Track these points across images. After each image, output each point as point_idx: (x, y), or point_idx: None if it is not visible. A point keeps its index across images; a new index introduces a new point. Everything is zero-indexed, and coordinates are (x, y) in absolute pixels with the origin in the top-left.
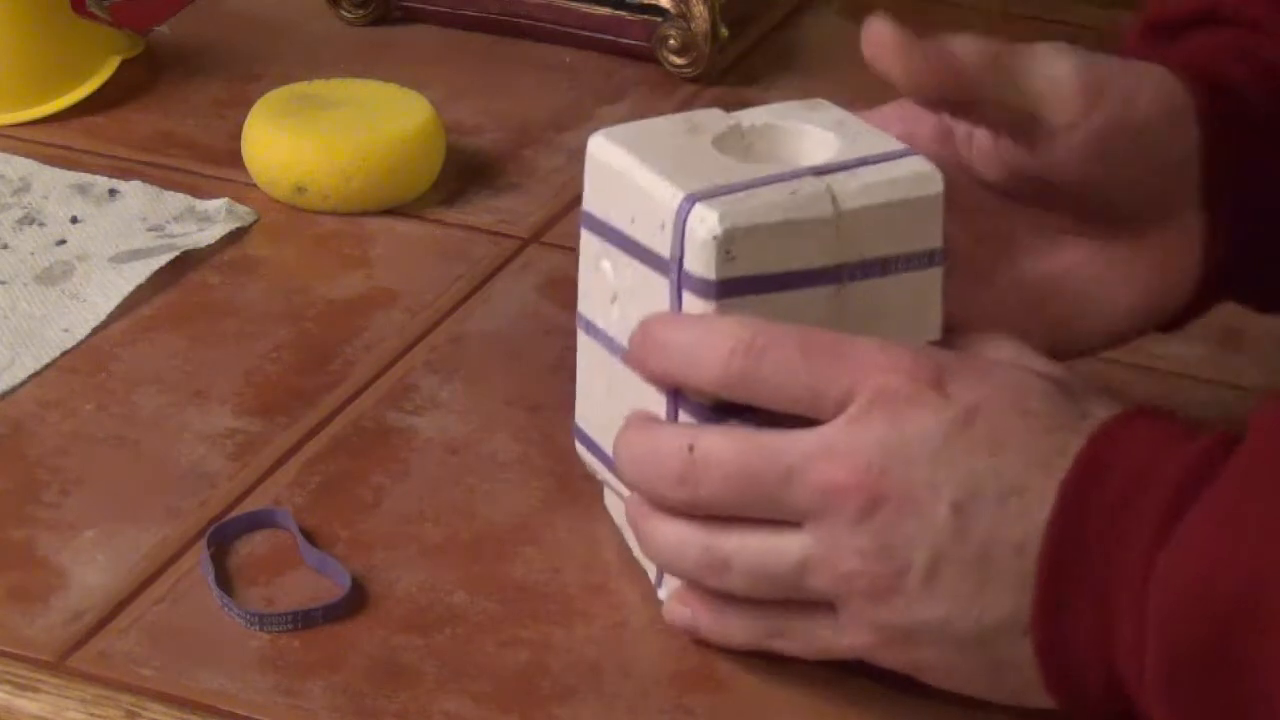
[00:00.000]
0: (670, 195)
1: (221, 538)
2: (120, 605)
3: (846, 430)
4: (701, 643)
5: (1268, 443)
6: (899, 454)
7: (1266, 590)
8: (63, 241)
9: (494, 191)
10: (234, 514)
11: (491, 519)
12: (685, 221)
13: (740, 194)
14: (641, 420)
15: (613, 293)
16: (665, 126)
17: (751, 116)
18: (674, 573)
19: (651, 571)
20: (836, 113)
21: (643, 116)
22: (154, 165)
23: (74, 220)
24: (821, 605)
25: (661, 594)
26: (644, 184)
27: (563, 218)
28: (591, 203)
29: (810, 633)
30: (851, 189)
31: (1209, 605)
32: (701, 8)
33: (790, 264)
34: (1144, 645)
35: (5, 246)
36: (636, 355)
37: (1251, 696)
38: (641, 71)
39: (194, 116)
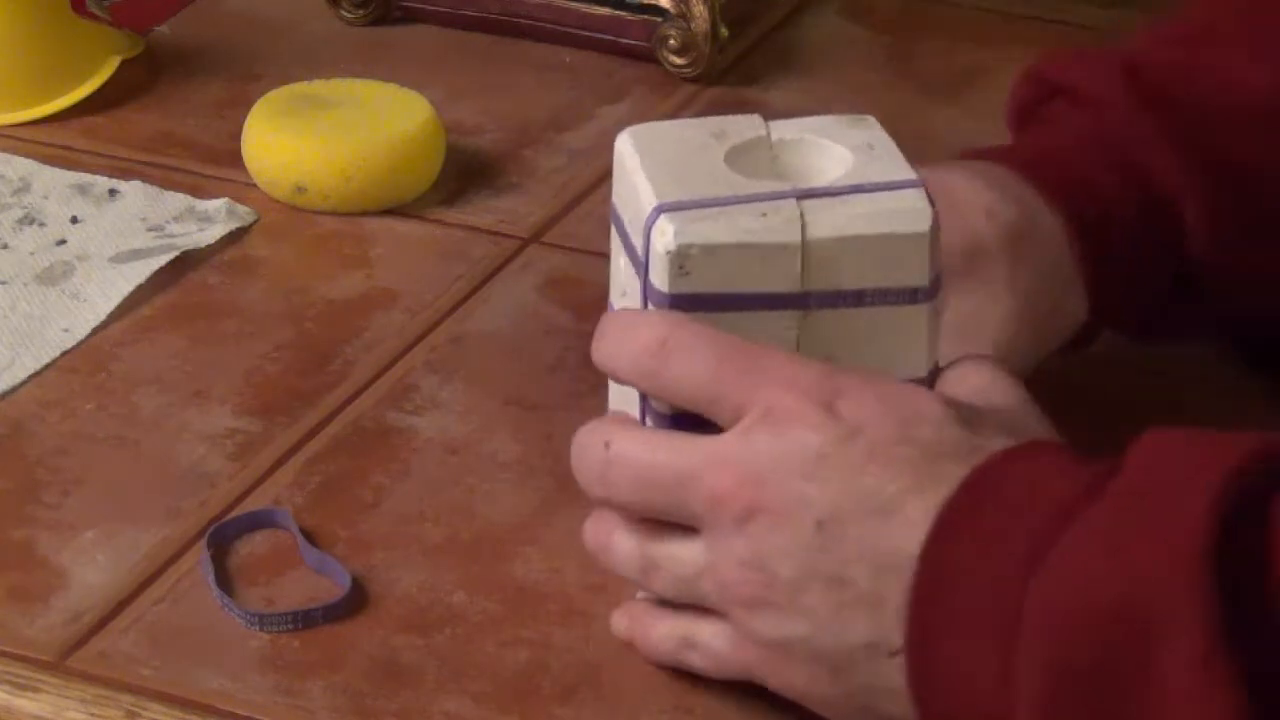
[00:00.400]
0: (648, 201)
1: (221, 538)
2: (120, 605)
3: (736, 441)
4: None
5: (1143, 465)
6: (777, 467)
7: (1145, 602)
8: (63, 241)
9: (494, 191)
10: (234, 514)
11: (491, 519)
12: (650, 231)
13: (711, 210)
14: (589, 422)
15: (622, 288)
16: (691, 130)
17: (784, 129)
18: (620, 573)
19: None
20: (872, 133)
21: (643, 116)
22: (154, 165)
23: (74, 220)
24: (719, 616)
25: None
26: (638, 186)
27: (563, 218)
28: (614, 197)
29: (709, 646)
30: (826, 218)
31: (1089, 621)
32: (701, 8)
33: (750, 285)
34: (1016, 670)
35: (5, 246)
36: (593, 344)
37: (1137, 710)
38: (641, 71)
39: (194, 116)
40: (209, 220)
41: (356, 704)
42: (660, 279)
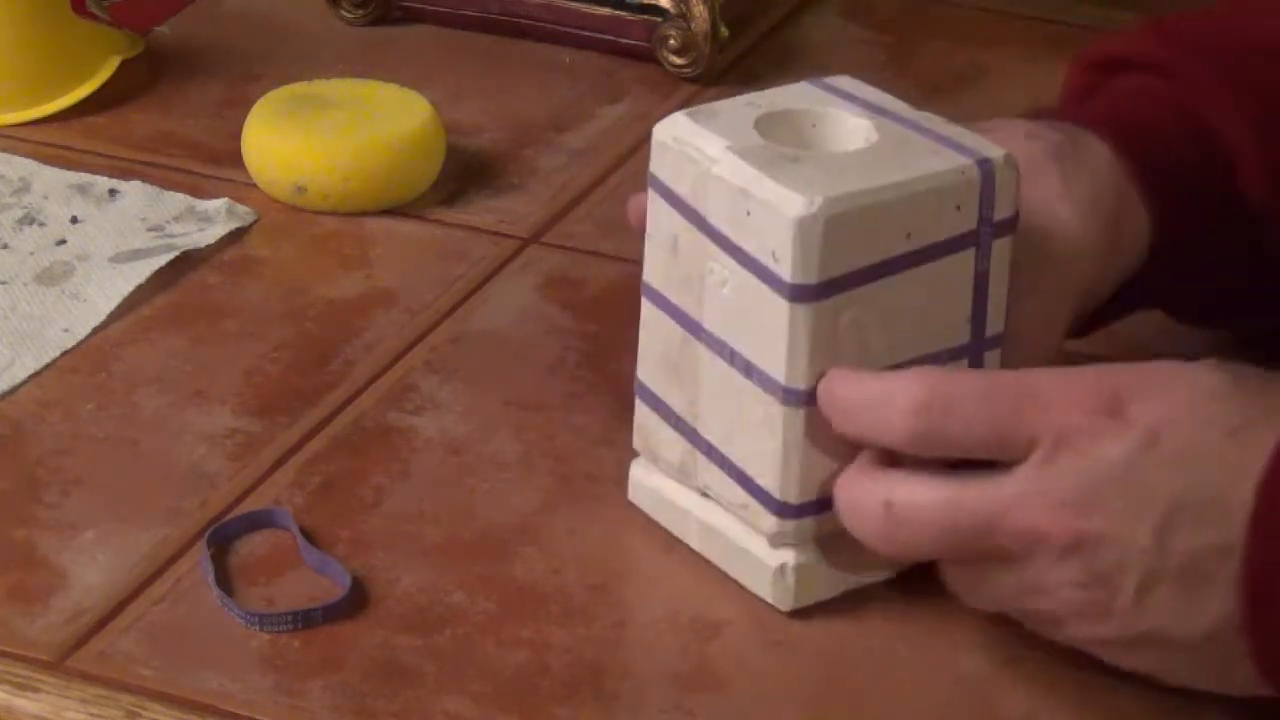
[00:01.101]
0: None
1: (221, 538)
2: (120, 605)
3: (1038, 474)
4: (703, 641)
5: None
6: (1092, 491)
7: None
8: (63, 241)
9: (494, 191)
10: (234, 514)
11: (491, 519)
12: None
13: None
14: (849, 470)
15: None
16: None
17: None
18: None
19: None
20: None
21: (643, 116)
22: (154, 165)
23: (74, 220)
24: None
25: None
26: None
27: (563, 218)
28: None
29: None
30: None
31: None
32: (701, 8)
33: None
34: None
35: (5, 246)
36: (824, 414)
37: None
38: (641, 71)
39: (194, 116)
40: (209, 220)
41: (356, 704)
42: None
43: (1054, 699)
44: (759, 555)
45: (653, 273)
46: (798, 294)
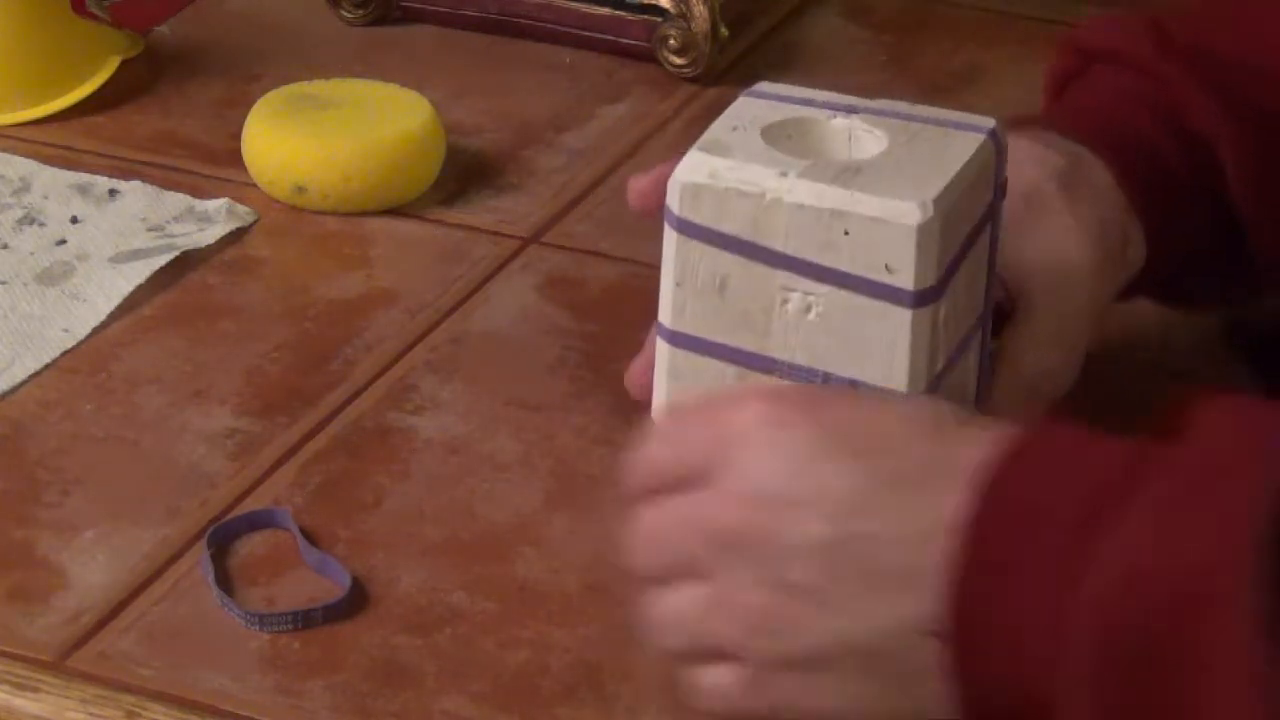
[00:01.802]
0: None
1: (221, 538)
2: (120, 605)
3: (720, 482)
4: None
5: (1210, 441)
6: (770, 480)
7: (1194, 587)
8: (63, 241)
9: (494, 191)
10: (234, 514)
11: (491, 519)
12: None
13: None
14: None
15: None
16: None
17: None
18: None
19: None
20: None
21: (643, 116)
22: (154, 165)
23: (74, 220)
24: (731, 659)
25: None
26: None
27: (563, 218)
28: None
29: (721, 687)
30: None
31: (1147, 593)
32: (701, 8)
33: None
34: (1067, 630)
35: (5, 246)
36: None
37: (1181, 691)
38: (641, 71)
39: (194, 116)
40: (209, 220)
41: (356, 704)
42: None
43: None
44: None
45: (686, 319)
46: (920, 300)
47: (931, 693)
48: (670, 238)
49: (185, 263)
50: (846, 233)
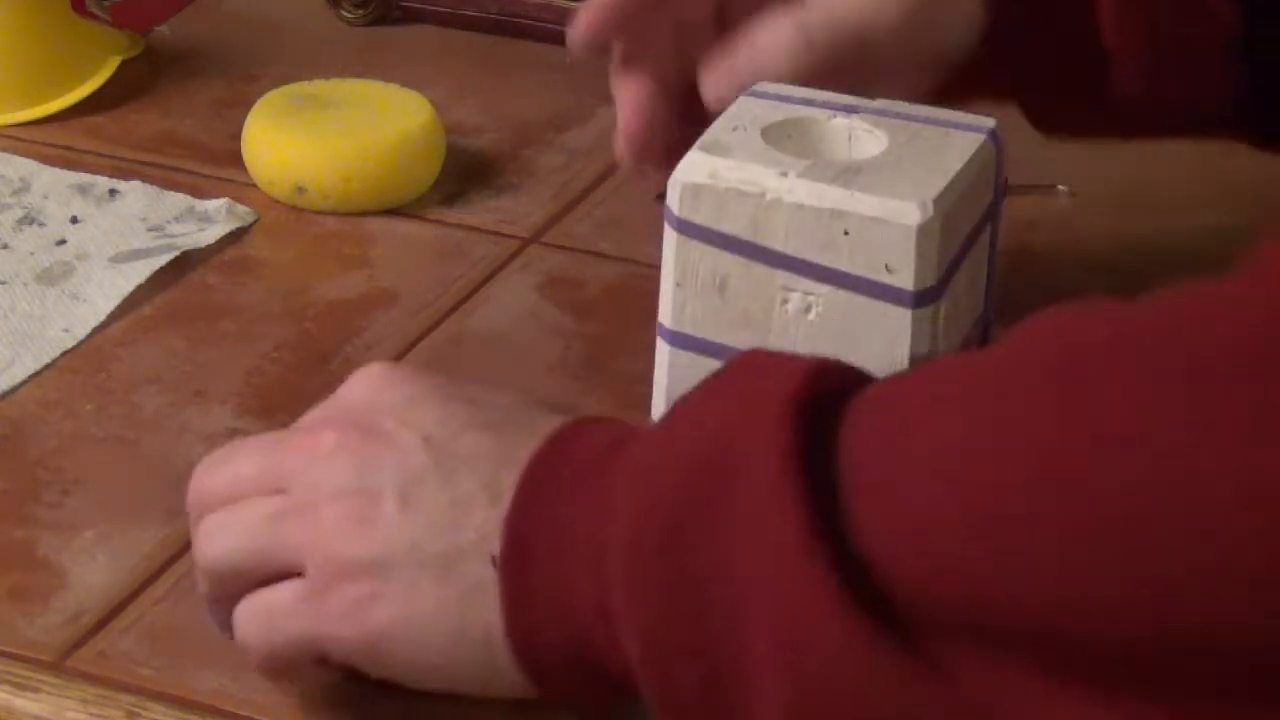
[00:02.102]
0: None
1: None
2: (120, 605)
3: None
4: None
5: (719, 375)
6: (371, 410)
7: (724, 448)
8: (63, 241)
9: (494, 191)
10: None
11: None
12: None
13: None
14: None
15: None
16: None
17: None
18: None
19: None
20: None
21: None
22: (154, 165)
23: (74, 220)
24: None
25: None
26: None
27: (563, 218)
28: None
29: (277, 605)
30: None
31: (672, 472)
32: None
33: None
34: (606, 558)
35: (5, 246)
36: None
37: (715, 546)
38: None
39: (194, 116)
40: (209, 220)
41: (356, 704)
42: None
43: None
44: None
45: (685, 318)
46: (920, 300)
47: (493, 621)
48: (670, 238)
49: (185, 263)
50: (846, 233)
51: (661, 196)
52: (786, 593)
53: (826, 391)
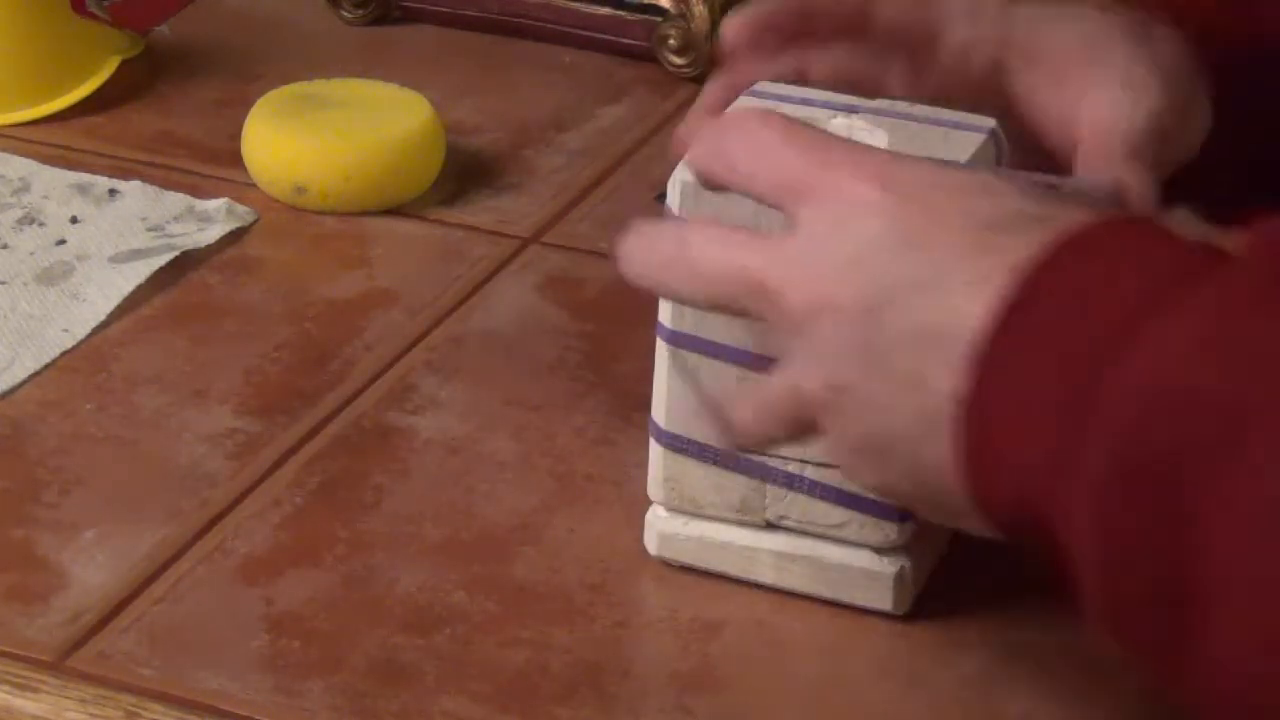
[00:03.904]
0: None
1: None
2: (120, 605)
3: (799, 236)
4: (703, 641)
5: (1265, 252)
6: (834, 257)
7: (1240, 391)
8: (63, 241)
9: (494, 191)
10: (233, 514)
11: (491, 519)
12: None
13: None
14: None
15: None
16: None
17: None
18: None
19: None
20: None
21: (643, 117)
22: (154, 165)
23: (74, 220)
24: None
25: None
26: None
27: (563, 218)
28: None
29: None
30: None
31: (1172, 404)
32: (701, 8)
33: None
34: (1078, 454)
35: (5, 246)
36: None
37: (1199, 509)
38: (641, 71)
39: (194, 116)
40: (209, 220)
41: (356, 704)
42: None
43: (1054, 699)
44: (867, 567)
45: (687, 319)
46: None
47: (951, 487)
48: None
49: (185, 263)
50: None
51: (662, 196)
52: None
53: None
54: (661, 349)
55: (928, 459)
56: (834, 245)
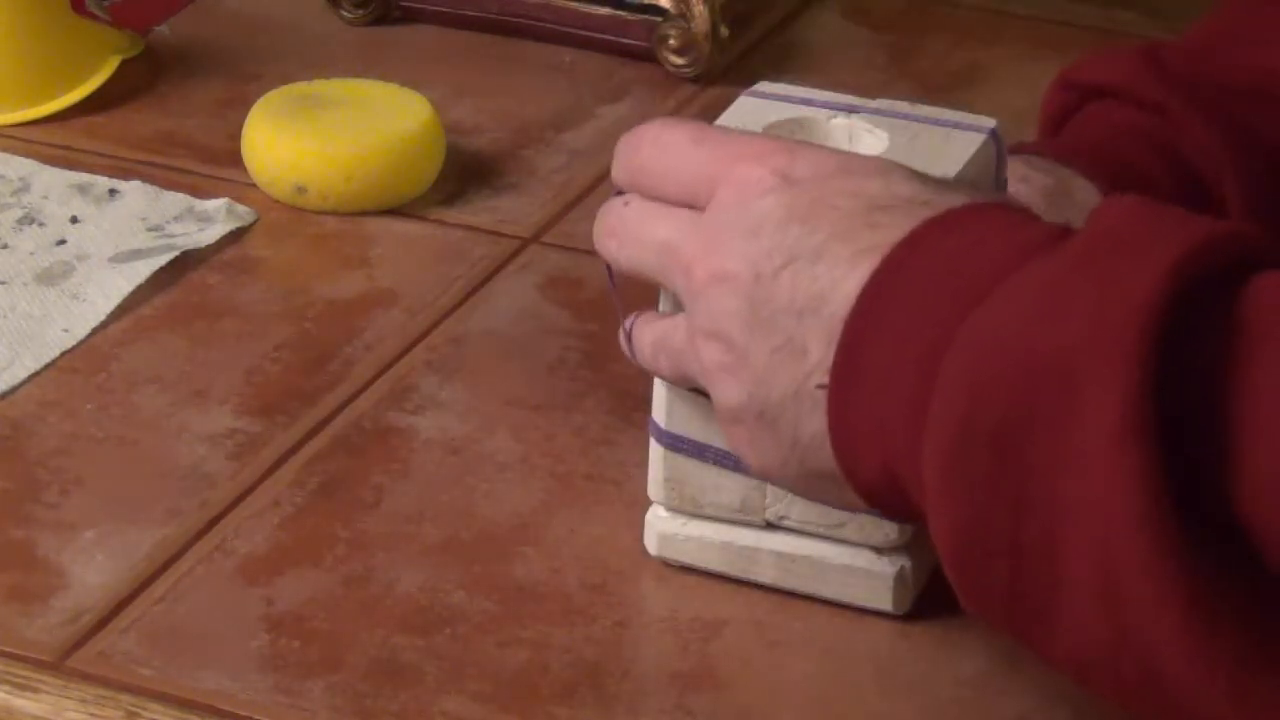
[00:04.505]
0: None
1: None
2: (120, 605)
3: (707, 213)
4: (703, 641)
5: (1102, 229)
6: (731, 231)
7: (1072, 359)
8: (63, 241)
9: (494, 191)
10: (233, 514)
11: (491, 519)
12: None
13: None
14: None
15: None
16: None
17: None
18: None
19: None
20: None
21: (643, 117)
22: (154, 165)
23: (74, 220)
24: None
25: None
26: None
27: (563, 218)
28: None
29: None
30: None
31: (1010, 371)
32: (701, 8)
33: None
34: (928, 419)
35: (5, 246)
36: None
37: (1041, 467)
38: (641, 71)
39: (194, 116)
40: (209, 220)
41: (356, 704)
42: None
43: (1054, 699)
44: (868, 567)
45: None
46: None
47: (829, 465)
48: None
49: (185, 263)
50: None
51: None
52: (1113, 535)
53: (1203, 280)
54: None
55: (806, 432)
56: (734, 221)
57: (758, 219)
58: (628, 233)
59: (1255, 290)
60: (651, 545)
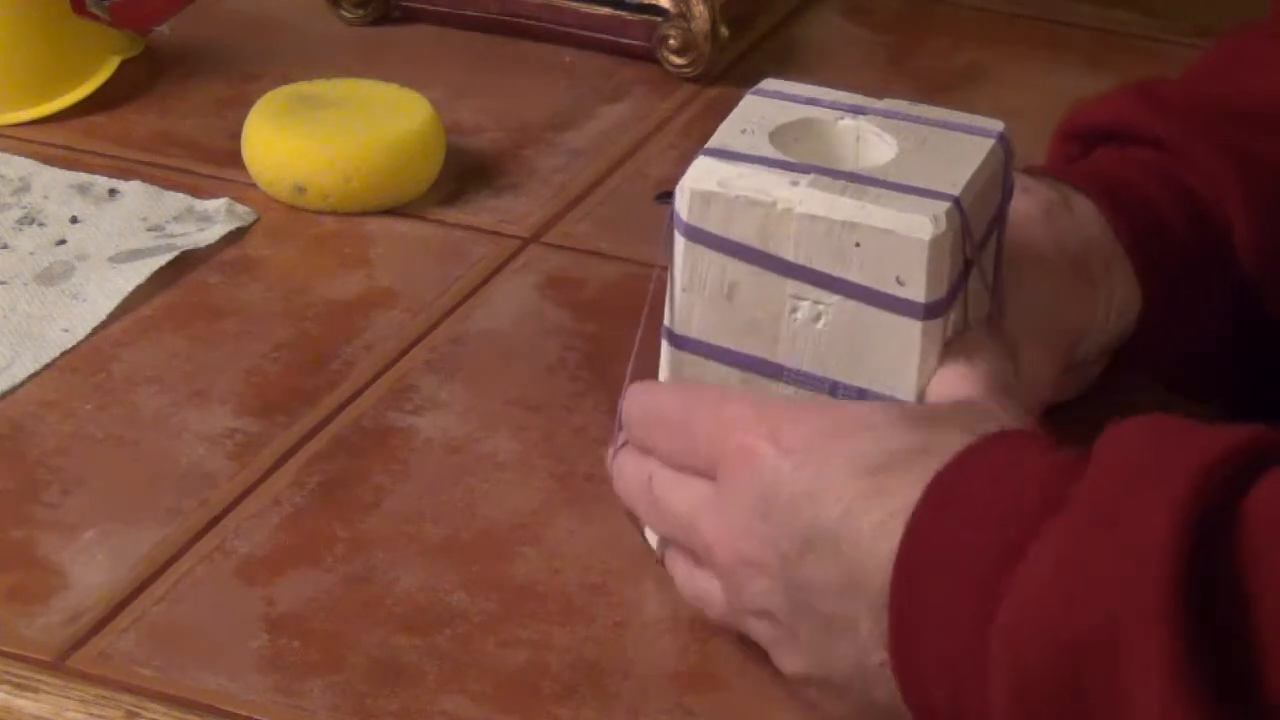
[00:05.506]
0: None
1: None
2: (120, 605)
3: (716, 493)
4: (703, 641)
5: (1107, 467)
6: (743, 512)
7: (1111, 632)
8: (63, 241)
9: (494, 191)
10: (233, 514)
11: (491, 519)
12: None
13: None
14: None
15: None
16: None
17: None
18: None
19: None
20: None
21: (643, 117)
22: (154, 165)
23: (74, 220)
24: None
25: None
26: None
27: (563, 218)
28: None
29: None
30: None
31: (1054, 654)
32: (701, 8)
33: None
34: (986, 664)
35: (5, 246)
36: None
37: None
38: (641, 71)
39: (194, 116)
40: (209, 220)
41: (356, 704)
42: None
43: None
44: None
45: (693, 324)
46: (931, 312)
47: (901, 714)
48: (678, 244)
49: (185, 263)
50: (858, 244)
51: (660, 197)
52: None
53: (1217, 498)
54: (666, 352)
55: (878, 697)
56: (742, 500)
57: (764, 499)
58: (653, 503)
59: (1255, 503)
60: (652, 545)
